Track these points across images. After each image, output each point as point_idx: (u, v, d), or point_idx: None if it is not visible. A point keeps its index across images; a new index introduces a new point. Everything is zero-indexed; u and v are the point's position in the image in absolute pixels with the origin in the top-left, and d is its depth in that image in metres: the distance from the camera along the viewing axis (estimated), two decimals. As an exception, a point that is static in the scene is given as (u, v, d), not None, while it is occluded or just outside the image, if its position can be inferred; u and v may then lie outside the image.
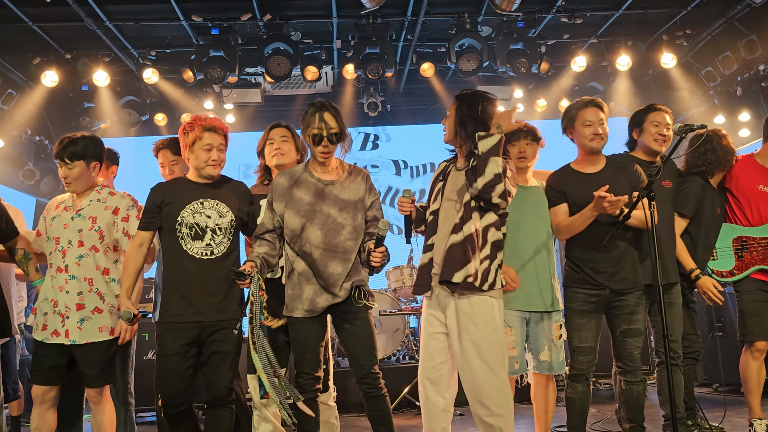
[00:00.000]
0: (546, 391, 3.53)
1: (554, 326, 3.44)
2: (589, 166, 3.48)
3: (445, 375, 3.05)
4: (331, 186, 3.14)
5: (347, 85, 7.53)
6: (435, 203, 3.14)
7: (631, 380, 3.41)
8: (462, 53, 6.37)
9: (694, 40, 6.70)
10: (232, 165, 6.94)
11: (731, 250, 3.83)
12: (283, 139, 3.41)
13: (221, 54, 6.26)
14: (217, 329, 3.15)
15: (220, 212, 3.21)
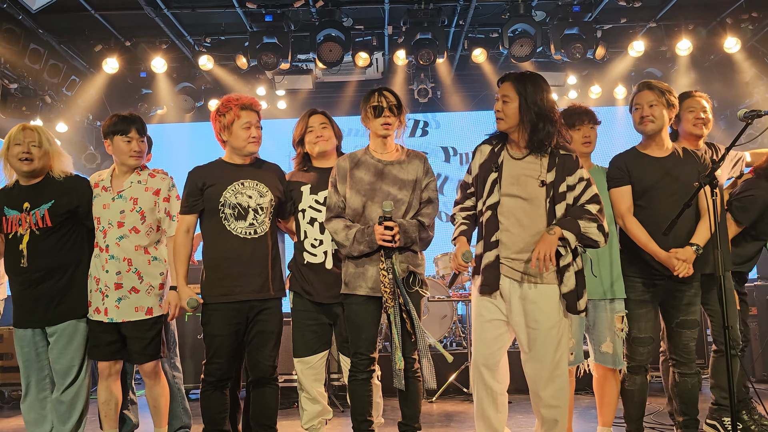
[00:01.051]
0: (609, 382, 3.46)
1: (616, 317, 3.37)
2: (657, 149, 3.39)
3: (501, 362, 3.04)
4: (390, 166, 3.22)
5: (398, 72, 7.51)
6: (492, 196, 2.98)
7: (685, 372, 3.34)
8: (515, 38, 6.26)
9: (760, 23, 6.41)
10: (282, 151, 7.03)
11: None
12: (323, 126, 3.43)
13: (274, 41, 6.32)
14: (263, 309, 3.23)
15: (261, 192, 3.27)
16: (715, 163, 2.89)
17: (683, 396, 3.37)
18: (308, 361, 3.33)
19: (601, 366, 3.46)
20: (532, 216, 2.94)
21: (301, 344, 3.34)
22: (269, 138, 3.49)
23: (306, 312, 3.35)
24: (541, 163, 2.96)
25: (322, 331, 3.36)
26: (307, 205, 3.37)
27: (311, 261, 3.33)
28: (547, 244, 2.81)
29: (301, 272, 3.37)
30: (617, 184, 3.37)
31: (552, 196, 2.93)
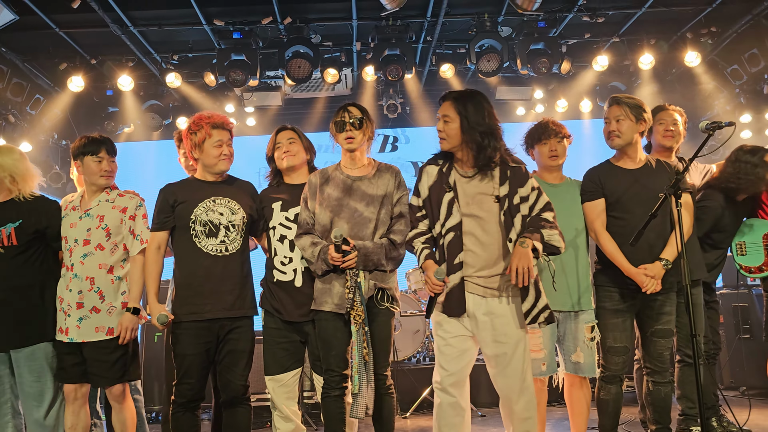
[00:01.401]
0: (580, 392, 3.50)
1: (585, 327, 3.40)
2: (629, 161, 3.44)
3: (466, 378, 3.03)
4: (359, 181, 3.22)
5: (367, 88, 7.54)
6: (453, 217, 2.97)
7: (659, 381, 3.38)
8: (482, 54, 6.33)
9: (719, 37, 6.59)
10: (252, 167, 7.00)
11: (761, 245, 3.80)
12: (291, 141, 3.43)
13: (242, 57, 6.31)
14: (234, 327, 3.20)
15: (233, 209, 3.26)
16: (679, 174, 2.95)
17: (656, 405, 3.40)
18: (280, 379, 3.29)
19: (571, 375, 3.48)
20: (491, 232, 2.96)
21: (272, 362, 3.30)
22: (239, 155, 3.48)
23: (277, 330, 3.31)
24: (492, 179, 3.00)
25: (293, 349, 3.32)
26: (277, 222, 3.36)
27: (281, 279, 3.31)
28: (523, 257, 2.81)
29: (272, 290, 3.34)
30: (591, 197, 3.42)
31: (507, 208, 2.95)
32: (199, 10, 5.84)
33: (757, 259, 3.80)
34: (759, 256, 3.80)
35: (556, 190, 3.49)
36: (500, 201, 2.96)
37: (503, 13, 6.22)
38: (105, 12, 5.72)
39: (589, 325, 3.40)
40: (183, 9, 5.85)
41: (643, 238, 3.13)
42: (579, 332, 3.40)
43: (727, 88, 7.21)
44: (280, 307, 3.29)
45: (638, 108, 3.35)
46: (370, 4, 5.66)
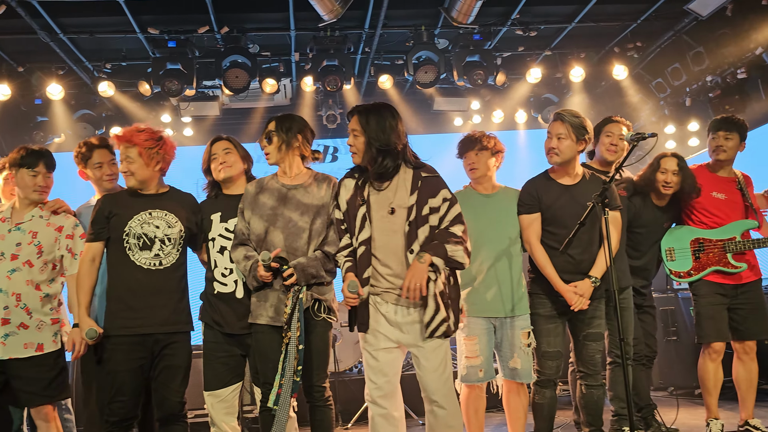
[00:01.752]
0: (518, 397, 3.57)
1: (522, 333, 3.48)
2: (566, 176, 3.52)
3: (395, 389, 3.02)
4: (294, 190, 3.18)
5: (306, 98, 7.52)
6: (364, 231, 2.96)
7: (591, 384, 3.49)
8: (419, 65, 6.42)
9: (644, 52, 6.90)
10: (189, 178, 6.86)
11: (689, 251, 3.96)
12: (226, 152, 3.39)
13: (178, 67, 6.19)
14: (169, 342, 3.13)
15: (169, 222, 3.20)
16: (606, 183, 3.08)
17: (589, 407, 3.51)
18: (219, 395, 3.23)
19: (509, 381, 3.56)
20: (400, 245, 2.95)
21: (211, 377, 3.24)
22: (175, 166, 3.43)
23: (216, 344, 3.26)
24: (404, 190, 2.98)
25: (233, 363, 3.27)
26: (216, 234, 3.31)
27: (221, 291, 3.26)
28: (418, 273, 2.80)
29: (211, 303, 3.28)
30: (527, 210, 3.49)
31: (414, 219, 2.92)
32: (133, 18, 5.71)
33: (686, 264, 3.96)
34: (687, 262, 3.95)
35: (488, 200, 3.56)
36: (407, 210, 2.94)
37: (439, 26, 6.33)
38: (33, 18, 5.51)
39: (525, 331, 3.48)
40: (116, 16, 5.70)
41: (571, 252, 3.26)
42: (516, 338, 3.48)
43: (652, 100, 7.54)
44: (220, 320, 3.24)
45: (581, 128, 3.40)
46: (308, 15, 5.66)
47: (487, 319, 3.48)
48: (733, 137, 3.93)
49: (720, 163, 4.00)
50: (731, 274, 3.88)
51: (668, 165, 3.87)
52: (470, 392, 3.54)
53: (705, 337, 3.88)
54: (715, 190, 3.98)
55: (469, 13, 5.45)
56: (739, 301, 3.90)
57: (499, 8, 6.14)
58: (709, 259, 3.90)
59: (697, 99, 6.97)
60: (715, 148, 3.97)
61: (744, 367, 3.93)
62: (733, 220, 3.92)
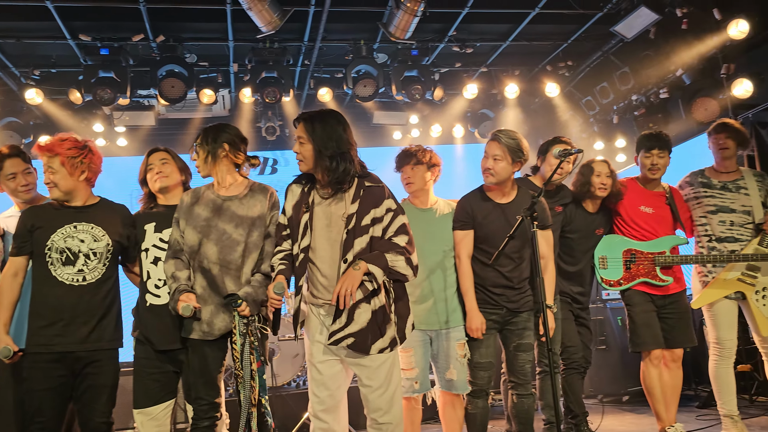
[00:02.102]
0: (454, 409, 3.60)
1: (457, 345, 3.52)
2: (500, 195, 3.57)
3: (338, 403, 2.98)
4: (229, 202, 3.13)
5: (244, 109, 7.45)
6: (305, 239, 2.91)
7: (522, 393, 3.56)
8: (359, 79, 6.47)
9: (575, 71, 7.17)
10: (123, 189, 6.68)
11: (621, 261, 4.07)
12: (163, 162, 3.33)
13: (111, 75, 6.03)
14: (92, 361, 3.02)
15: (95, 236, 3.10)
16: (534, 198, 3.18)
17: (520, 416, 3.58)
18: (150, 413, 3.13)
19: (445, 393, 3.60)
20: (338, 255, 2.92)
21: (142, 394, 3.14)
22: (109, 177, 3.33)
23: (148, 359, 3.16)
24: (347, 200, 2.93)
25: (165, 380, 3.18)
26: (150, 244, 3.23)
27: (154, 303, 3.17)
28: (350, 279, 2.73)
29: (142, 317, 3.19)
30: (461, 227, 3.55)
31: (352, 228, 2.86)
32: (63, 24, 5.54)
33: (617, 273, 4.07)
34: (618, 271, 4.06)
35: (424, 214, 3.61)
36: (347, 220, 2.88)
37: (378, 40, 6.41)
38: (-47, 21, 5.29)
39: (460, 343, 3.53)
40: (45, 21, 5.52)
41: (502, 269, 3.41)
42: (451, 350, 3.52)
43: (582, 117, 7.83)
44: (152, 335, 3.15)
45: (517, 151, 3.43)
46: (246, 26, 5.62)
47: (423, 331, 3.52)
48: (665, 155, 4.09)
49: (651, 180, 4.15)
50: (659, 287, 4.02)
51: (601, 168, 4.01)
52: (406, 404, 3.55)
53: (642, 345, 3.98)
54: (643, 204, 4.10)
55: (407, 29, 5.54)
56: (667, 311, 4.03)
57: (437, 25, 6.27)
58: (639, 270, 4.03)
59: (624, 117, 7.28)
60: (651, 166, 4.09)
61: (670, 375, 4.06)
62: (660, 233, 4.07)
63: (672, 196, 4.17)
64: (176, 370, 3.20)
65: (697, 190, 4.22)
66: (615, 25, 5.76)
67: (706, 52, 5.73)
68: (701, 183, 4.22)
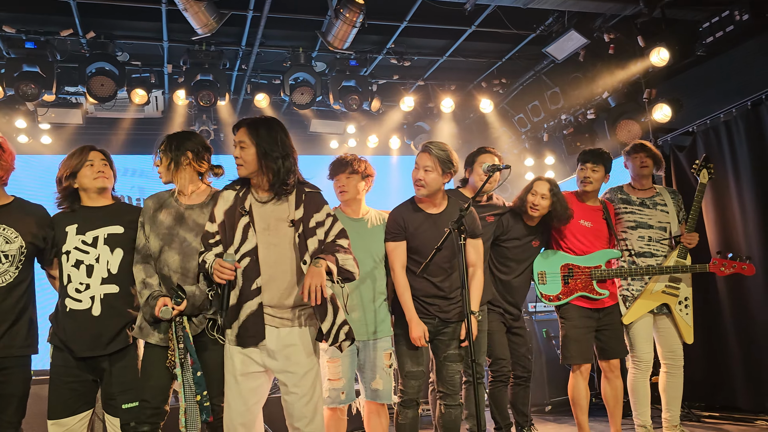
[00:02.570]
0: (379, 419, 3.61)
1: (384, 354, 3.54)
2: (431, 206, 3.60)
3: (258, 415, 2.96)
4: (190, 210, 3.10)
5: (178, 111, 7.29)
6: (248, 242, 2.90)
7: (450, 404, 3.57)
8: (296, 86, 6.45)
9: (508, 88, 7.39)
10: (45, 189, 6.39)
11: (559, 276, 4.15)
12: (104, 163, 3.23)
13: (36, 70, 5.78)
14: (1, 368, 2.89)
15: (7, 238, 2.96)
16: (462, 210, 3.24)
17: (447, 426, 3.59)
18: (65, 424, 3.00)
19: (371, 402, 3.60)
20: (285, 259, 2.92)
21: (57, 404, 3.00)
22: (29, 175, 3.18)
23: (65, 367, 3.03)
24: (288, 203, 2.97)
25: (83, 389, 3.05)
26: (72, 246, 3.09)
27: (74, 308, 3.04)
28: (317, 275, 2.74)
29: (62, 323, 3.05)
30: (394, 238, 3.56)
31: (302, 231, 2.92)
32: (-15, 14, 5.30)
33: (555, 288, 4.13)
34: (557, 286, 4.13)
35: (355, 223, 3.63)
36: (295, 224, 2.92)
37: (317, 49, 6.42)
38: None
39: (387, 353, 3.56)
40: (-36, 11, 5.27)
41: (432, 279, 3.45)
42: (378, 360, 3.54)
43: (514, 134, 8.07)
44: (72, 342, 3.01)
45: (447, 162, 3.47)
46: (181, 27, 5.52)
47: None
48: (599, 169, 4.18)
49: (587, 194, 4.25)
50: (595, 300, 4.12)
51: (539, 188, 4.03)
52: (332, 414, 3.54)
53: (571, 359, 4.09)
54: (582, 218, 4.17)
55: (345, 39, 5.57)
56: (604, 323, 4.14)
57: (376, 37, 6.34)
58: (577, 284, 4.11)
59: (553, 135, 7.54)
60: (583, 179, 4.20)
61: (610, 385, 4.18)
62: (597, 247, 4.17)
63: (607, 210, 4.28)
64: (95, 378, 3.08)
65: (617, 206, 4.38)
66: (546, 46, 5.98)
67: (630, 77, 6.03)
68: (621, 199, 4.38)
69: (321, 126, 7.61)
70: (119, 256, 3.13)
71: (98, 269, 3.09)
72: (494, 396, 4.13)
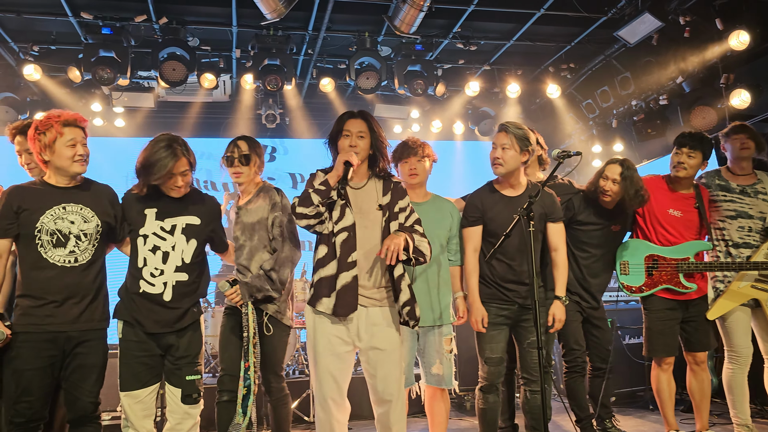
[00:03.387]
0: (440, 404, 3.61)
1: (445, 340, 3.54)
2: (509, 188, 3.58)
3: (345, 393, 3.10)
4: (242, 210, 3.51)
5: (245, 96, 7.43)
6: (346, 219, 3.06)
7: (534, 390, 3.53)
8: (361, 71, 6.46)
9: (576, 73, 7.19)
10: (119, 171, 6.65)
11: (643, 267, 3.96)
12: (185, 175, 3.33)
13: (112, 55, 5.99)
14: (82, 340, 3.00)
15: (85, 217, 3.06)
16: (531, 197, 3.18)
17: (532, 412, 3.56)
18: (137, 396, 3.13)
19: (432, 387, 3.60)
20: (375, 240, 3.06)
21: (128, 376, 3.13)
22: (104, 157, 3.31)
23: (137, 342, 3.15)
24: (376, 190, 3.15)
25: (153, 363, 3.17)
26: (150, 231, 3.20)
27: (148, 291, 3.16)
28: (396, 239, 2.90)
29: (134, 300, 3.17)
30: (471, 223, 3.54)
31: (388, 216, 3.09)
32: (65, 0, 5.50)
33: (638, 279, 3.95)
34: (640, 277, 3.94)
35: (420, 208, 3.61)
36: (383, 209, 3.09)
37: (383, 33, 6.40)
38: (-45, -7, 5.25)
39: (448, 338, 3.54)
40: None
41: (511, 263, 3.42)
42: (439, 345, 3.53)
43: (582, 120, 7.85)
44: (143, 319, 3.14)
45: (524, 140, 3.45)
46: (250, 12, 5.61)
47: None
48: (696, 155, 3.91)
49: (679, 180, 3.97)
50: (681, 293, 3.92)
51: (610, 172, 3.85)
52: None
53: (654, 352, 3.93)
54: (672, 207, 3.95)
55: (412, 24, 5.53)
56: (690, 315, 3.95)
57: (442, 21, 6.26)
58: (662, 277, 3.90)
59: (623, 121, 7.31)
60: (677, 164, 3.95)
61: (696, 378, 3.99)
62: (686, 238, 3.95)
63: (701, 197, 4.01)
64: (163, 353, 3.20)
65: (714, 193, 4.09)
66: (618, 29, 5.77)
67: (706, 61, 5.76)
68: (719, 186, 4.09)
69: (385, 111, 7.61)
70: (193, 247, 3.24)
71: (173, 257, 3.20)
72: (570, 387, 3.99)
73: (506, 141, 3.46)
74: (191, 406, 3.18)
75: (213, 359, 6.21)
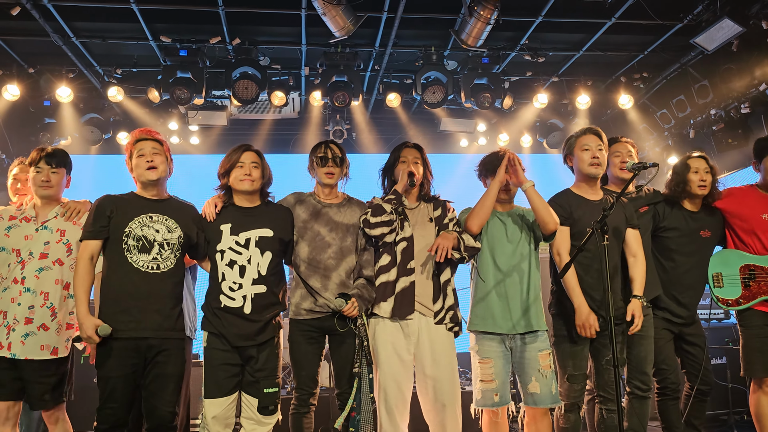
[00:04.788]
0: (536, 425, 3.38)
1: (540, 355, 3.35)
2: (591, 192, 3.57)
3: (408, 402, 3.20)
4: (327, 208, 3.46)
5: (314, 112, 7.58)
6: (406, 230, 3.41)
7: (612, 408, 3.40)
8: (428, 85, 6.48)
9: (650, 83, 6.96)
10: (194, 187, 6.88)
11: (738, 278, 3.73)
12: (254, 165, 3.36)
13: (188, 75, 6.25)
14: (162, 349, 3.09)
15: (169, 228, 3.19)
16: (605, 210, 3.08)
17: (609, 431, 3.40)
18: (220, 404, 3.19)
19: (531, 408, 3.39)
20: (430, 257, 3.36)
21: (212, 385, 3.20)
22: (180, 173, 3.45)
23: (222, 351, 3.22)
24: (427, 208, 3.55)
25: (235, 371, 3.24)
26: (226, 246, 3.28)
27: (228, 305, 3.23)
28: (447, 238, 3.25)
29: (217, 315, 3.24)
30: (561, 223, 3.45)
31: (438, 228, 3.47)
32: (146, 25, 5.78)
33: (734, 292, 3.71)
34: (736, 289, 3.71)
35: (505, 218, 3.56)
36: (434, 220, 3.48)
37: (449, 48, 6.40)
38: (46, 21, 5.59)
39: (543, 353, 3.35)
40: (129, 23, 5.78)
41: (598, 271, 3.36)
42: (533, 360, 3.33)
43: (656, 131, 7.59)
44: (227, 333, 3.21)
45: (607, 143, 3.61)
46: (319, 30, 5.72)
47: (500, 339, 3.36)
48: None
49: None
50: None
51: (698, 164, 3.71)
52: (489, 418, 3.40)
53: (754, 372, 3.62)
54: (766, 212, 3.73)
55: (479, 37, 5.51)
56: None
57: (509, 33, 6.20)
58: (761, 287, 3.65)
59: (701, 131, 7.01)
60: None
61: None
62: None
63: None
64: (243, 363, 3.26)
65: None
66: (695, 36, 5.57)
67: (792, 67, 5.47)
68: None
69: (452, 124, 7.59)
70: (268, 259, 3.31)
71: (250, 270, 3.27)
72: (662, 411, 3.73)
73: (602, 143, 3.54)
74: (266, 417, 3.24)
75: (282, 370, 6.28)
